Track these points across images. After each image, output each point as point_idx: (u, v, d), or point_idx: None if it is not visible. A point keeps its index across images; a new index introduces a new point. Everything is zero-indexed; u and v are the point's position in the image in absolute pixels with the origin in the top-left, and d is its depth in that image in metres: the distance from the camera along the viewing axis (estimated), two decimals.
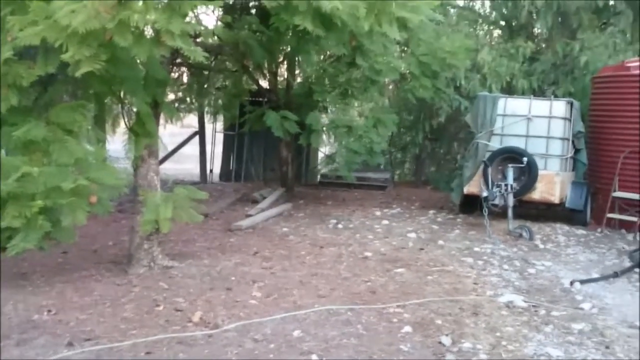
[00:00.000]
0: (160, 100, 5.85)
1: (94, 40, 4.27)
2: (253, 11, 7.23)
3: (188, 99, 11.31)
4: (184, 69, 10.15)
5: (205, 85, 10.52)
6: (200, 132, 13.35)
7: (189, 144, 14.20)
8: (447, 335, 4.52)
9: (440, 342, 4.38)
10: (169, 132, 13.70)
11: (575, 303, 5.46)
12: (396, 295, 5.41)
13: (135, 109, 5.57)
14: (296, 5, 4.65)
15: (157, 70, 5.38)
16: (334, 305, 5.05)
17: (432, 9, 6.96)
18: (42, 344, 4.12)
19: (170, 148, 13.43)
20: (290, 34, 5.32)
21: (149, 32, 4.40)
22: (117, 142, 7.60)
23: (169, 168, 14.53)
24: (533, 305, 5.34)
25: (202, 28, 5.19)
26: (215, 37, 6.46)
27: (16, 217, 4.62)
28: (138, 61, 4.80)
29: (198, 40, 5.94)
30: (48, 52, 4.55)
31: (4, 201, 4.60)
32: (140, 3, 4.10)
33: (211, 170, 13.53)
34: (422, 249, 7.28)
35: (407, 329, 4.61)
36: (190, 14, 5.34)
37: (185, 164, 14.87)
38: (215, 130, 13.70)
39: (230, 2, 7.13)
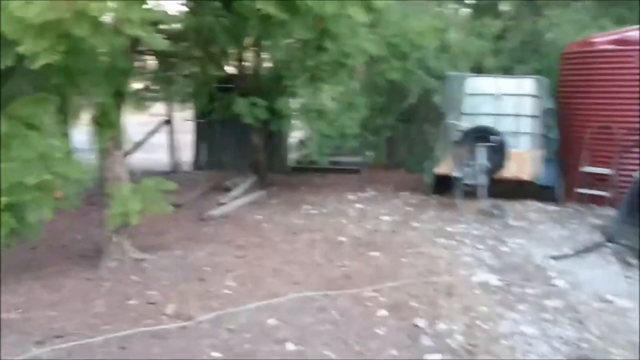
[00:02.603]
0: (124, 91, 5.72)
1: (51, 31, 4.13)
2: None
3: (155, 87, 11.12)
4: (149, 57, 9.97)
5: (173, 73, 10.33)
6: (169, 120, 13.14)
7: (160, 133, 13.97)
8: (422, 317, 4.53)
9: (415, 325, 4.40)
10: (138, 122, 13.51)
11: (549, 280, 5.52)
12: (371, 279, 5.41)
13: (98, 100, 5.42)
14: None
15: (119, 60, 5.24)
16: (308, 291, 5.03)
17: None
18: (11, 343, 4.04)
19: (140, 137, 13.27)
20: (255, 19, 5.21)
21: (109, 21, 4.27)
22: (84, 134, 7.48)
23: (140, 158, 14.29)
24: (507, 284, 5.38)
25: (163, 15, 5.05)
26: (179, 24, 6.32)
27: None
28: (99, 51, 4.65)
29: (160, 27, 5.81)
30: (4, 45, 4.40)
31: None
32: None
33: (182, 160, 13.36)
34: (395, 231, 7.29)
35: (383, 312, 4.62)
36: (151, 1, 5.24)
37: (157, 154, 14.63)
38: (185, 119, 13.51)
39: None
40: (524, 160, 8.84)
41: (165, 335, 4.16)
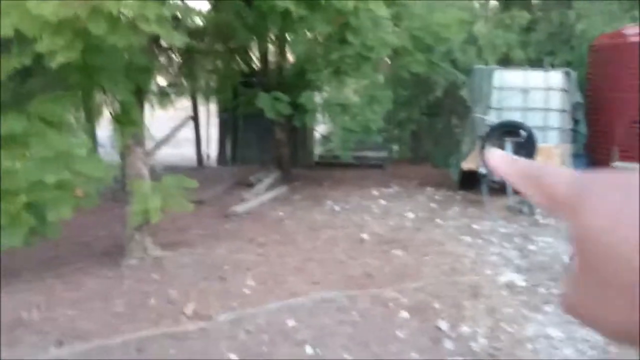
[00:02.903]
0: (145, 88, 5.70)
1: (68, 29, 4.11)
2: None
3: (180, 82, 11.12)
4: (173, 52, 9.96)
5: (196, 69, 10.32)
6: (195, 116, 13.17)
7: (187, 128, 14.01)
8: (444, 319, 4.42)
9: (437, 327, 4.29)
10: (165, 117, 13.58)
11: None
12: (393, 278, 5.31)
13: (118, 98, 5.40)
14: None
15: (139, 57, 5.21)
16: (329, 291, 4.95)
17: None
18: (32, 343, 4.04)
19: (167, 133, 13.32)
20: (275, 14, 5.13)
21: (126, 18, 4.23)
22: (108, 130, 7.51)
23: (167, 154, 14.38)
24: (533, 284, 5.24)
25: (183, 11, 4.99)
26: (199, 20, 6.28)
27: (0, 214, 4.49)
28: (117, 48, 4.61)
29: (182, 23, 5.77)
30: (23, 43, 4.39)
31: None
32: None
33: (207, 155, 13.38)
34: (419, 228, 7.17)
35: (404, 314, 4.52)
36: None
37: (183, 149, 14.70)
38: (210, 114, 13.52)
39: None
40: (552, 156, 8.64)
41: (183, 337, 4.12)
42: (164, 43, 6.26)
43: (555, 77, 8.91)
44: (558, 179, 0.41)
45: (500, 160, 0.45)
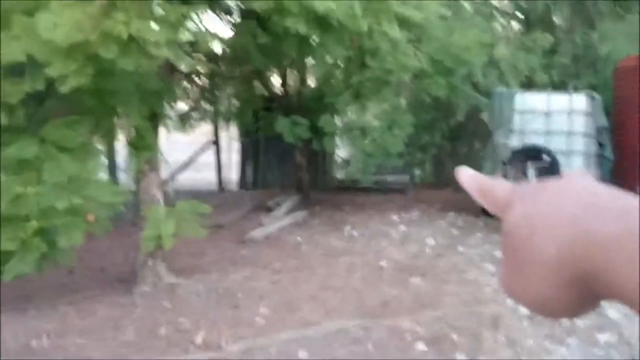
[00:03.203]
0: (159, 112, 5.66)
1: (79, 53, 4.09)
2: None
3: (200, 107, 11.16)
4: (193, 77, 9.99)
5: (216, 93, 10.34)
6: (216, 140, 13.19)
7: (208, 152, 14.02)
8: (463, 351, 4.25)
9: None
10: (189, 141, 13.63)
11: (601, 311, 5.13)
12: (410, 308, 5.15)
13: (132, 122, 5.37)
14: (288, 7, 4.41)
15: (153, 81, 5.19)
16: (344, 320, 4.80)
17: (440, 5, 6.72)
18: None
19: (188, 157, 13.36)
20: (289, 37, 5.08)
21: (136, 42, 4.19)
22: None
23: (188, 178, 14.41)
24: None
25: (194, 36, 4.96)
26: (216, 44, 6.26)
27: (11, 239, 4.45)
28: (130, 72, 4.58)
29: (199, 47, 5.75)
30: (35, 67, 4.38)
31: None
32: (123, 13, 3.90)
33: (228, 179, 13.37)
34: (440, 255, 6.99)
35: (421, 346, 4.35)
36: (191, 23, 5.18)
37: (205, 173, 14.72)
38: (231, 138, 13.54)
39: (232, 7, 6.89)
40: None
41: None
42: (183, 67, 6.23)
43: (579, 101, 8.72)
44: (500, 190, 0.53)
45: (465, 175, 0.58)
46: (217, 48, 7.83)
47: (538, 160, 8.35)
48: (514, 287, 0.48)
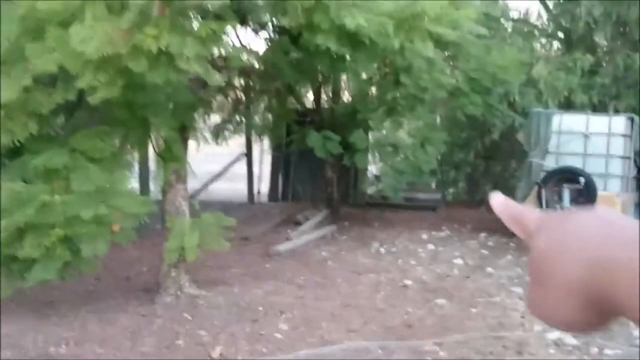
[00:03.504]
0: (189, 125, 5.71)
1: (110, 66, 4.15)
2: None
3: (234, 120, 11.24)
4: (229, 91, 10.08)
5: (250, 107, 10.40)
6: (248, 152, 13.25)
7: (241, 164, 14.09)
8: None
9: None
10: (225, 152, 13.73)
11: (632, 339, 4.95)
12: (434, 330, 5.04)
13: (162, 134, 5.42)
14: (318, 24, 4.40)
15: (184, 95, 5.23)
16: (364, 340, 4.73)
17: (477, 23, 6.65)
18: None
19: (221, 168, 13.46)
20: (320, 54, 5.07)
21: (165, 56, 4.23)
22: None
23: (222, 188, 14.51)
24: (584, 343, 4.87)
25: (224, 51, 4.99)
26: (246, 59, 6.29)
27: (35, 247, 4.51)
28: (160, 86, 4.62)
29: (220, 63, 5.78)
30: (67, 79, 4.46)
31: (23, 231, 4.50)
32: (153, 27, 3.94)
33: (259, 191, 13.40)
34: (468, 277, 6.86)
35: None
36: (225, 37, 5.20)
37: (239, 184, 14.80)
38: (263, 151, 13.59)
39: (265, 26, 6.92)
40: (614, 204, 8.17)
41: None
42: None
43: (618, 123, 8.51)
44: (529, 217, 0.57)
45: (496, 201, 0.61)
46: (251, 63, 7.88)
47: (573, 182, 8.18)
48: (541, 308, 0.53)
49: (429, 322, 5.26)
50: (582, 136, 8.61)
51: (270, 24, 6.43)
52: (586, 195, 8.17)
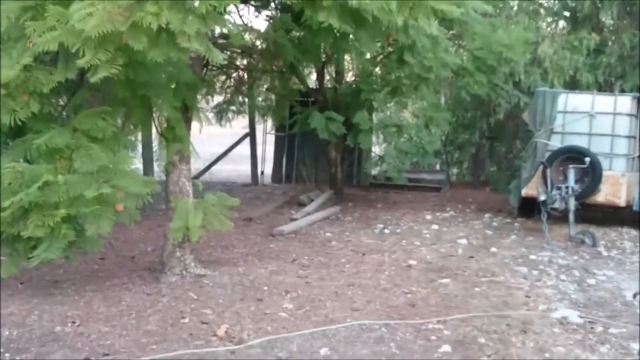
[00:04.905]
0: (191, 105, 5.67)
1: (110, 44, 4.10)
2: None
3: (237, 100, 11.21)
4: (231, 70, 10.04)
5: (252, 87, 10.35)
6: (251, 133, 13.23)
7: (245, 145, 14.04)
8: (489, 356, 4.13)
9: None
10: (229, 133, 13.70)
11: (637, 318, 4.95)
12: (437, 309, 5.04)
13: (164, 114, 5.39)
14: (320, 1, 4.35)
15: (185, 73, 5.19)
16: (367, 319, 4.72)
17: (482, 0, 6.59)
18: (60, 359, 3.99)
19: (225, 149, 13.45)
20: (323, 32, 5.02)
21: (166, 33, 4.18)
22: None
23: (226, 169, 14.52)
24: (589, 322, 4.86)
25: (225, 28, 4.94)
26: (248, 38, 6.24)
27: (39, 226, 4.51)
28: (162, 64, 4.56)
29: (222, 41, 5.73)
30: (68, 57, 4.42)
31: (27, 210, 4.50)
32: (153, 4, 3.89)
33: (262, 172, 13.40)
34: (472, 256, 6.85)
35: (446, 348, 4.24)
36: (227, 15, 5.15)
37: (243, 165, 14.77)
38: (266, 132, 13.57)
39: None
40: (619, 184, 8.15)
41: (212, 359, 3.99)
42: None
43: (624, 102, 8.45)
44: None
45: None
46: (253, 41, 7.83)
47: (578, 162, 8.14)
48: None
49: (433, 302, 5.26)
50: (588, 116, 8.56)
51: (272, 1, 6.37)
52: (591, 174, 8.14)
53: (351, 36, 5.57)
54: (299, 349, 4.17)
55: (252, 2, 6.15)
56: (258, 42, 7.41)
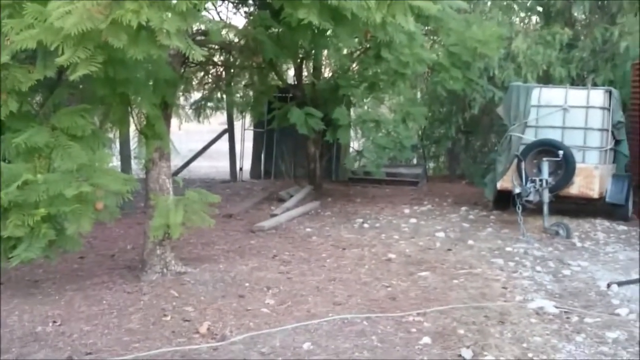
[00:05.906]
0: (170, 101, 5.67)
1: (90, 42, 4.09)
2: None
3: (215, 97, 11.18)
4: (208, 67, 10.00)
5: (231, 83, 10.33)
6: (230, 129, 13.19)
7: (223, 141, 14.00)
8: (468, 347, 4.21)
9: (460, 355, 4.08)
10: (209, 129, 13.62)
11: (611, 308, 5.08)
12: (417, 302, 5.12)
13: (143, 111, 5.38)
14: None
15: (165, 70, 5.18)
16: (349, 313, 4.79)
17: None
18: (42, 359, 3.98)
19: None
20: (302, 28, 5.05)
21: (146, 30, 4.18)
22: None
23: (204, 166, 14.46)
24: (565, 312, 4.98)
25: (204, 26, 4.95)
26: (225, 34, 6.24)
27: (19, 226, 4.48)
28: (140, 61, 4.56)
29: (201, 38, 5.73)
30: (46, 55, 4.39)
31: (6, 210, 4.47)
32: (133, 2, 3.88)
33: (241, 168, 13.38)
34: (449, 249, 6.96)
35: (426, 340, 4.32)
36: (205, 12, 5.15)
37: (221, 162, 14.73)
38: (245, 128, 13.55)
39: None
40: (592, 176, 8.32)
41: (194, 356, 4.02)
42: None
43: (597, 96, 8.61)
44: None
45: None
46: (232, 38, 7.82)
47: (552, 155, 8.28)
48: None
49: (413, 294, 5.34)
50: (561, 109, 8.71)
51: None
52: (565, 167, 8.29)
53: (329, 32, 5.61)
54: (282, 344, 4.21)
55: None
56: (237, 39, 7.40)
